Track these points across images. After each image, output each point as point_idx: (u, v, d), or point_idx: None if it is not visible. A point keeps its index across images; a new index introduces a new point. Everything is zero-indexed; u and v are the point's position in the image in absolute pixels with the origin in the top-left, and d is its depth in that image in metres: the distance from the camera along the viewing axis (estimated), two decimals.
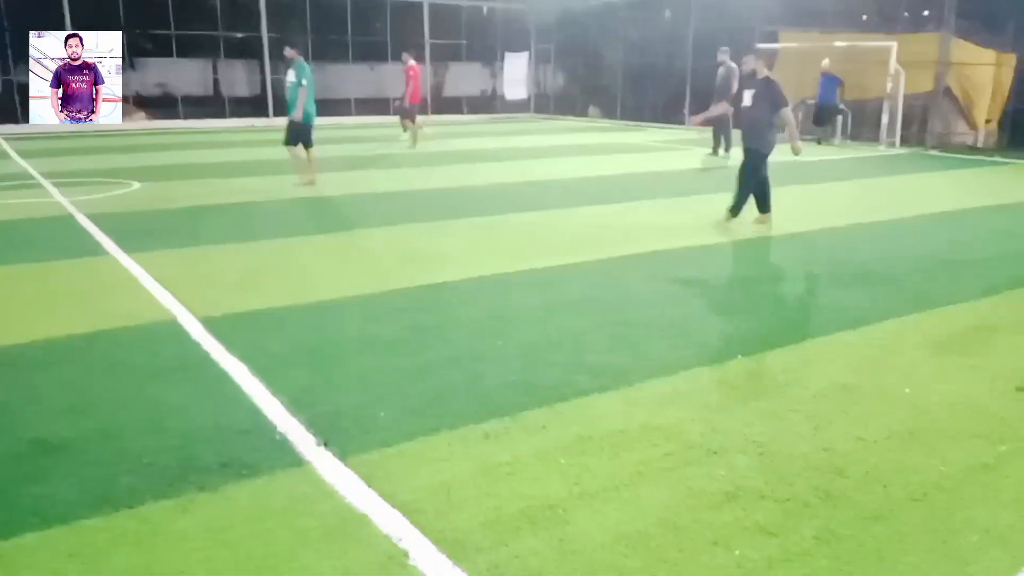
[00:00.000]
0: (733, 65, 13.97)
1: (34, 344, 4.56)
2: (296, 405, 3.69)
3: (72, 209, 8.86)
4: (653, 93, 24.38)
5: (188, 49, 23.74)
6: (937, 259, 6.78)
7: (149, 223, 8.24)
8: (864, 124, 17.70)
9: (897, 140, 16.78)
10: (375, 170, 12.73)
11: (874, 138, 16.99)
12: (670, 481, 3.03)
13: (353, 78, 25.91)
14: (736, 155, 14.49)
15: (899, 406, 3.73)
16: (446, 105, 27.75)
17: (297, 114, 10.22)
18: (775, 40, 19.00)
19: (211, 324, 4.86)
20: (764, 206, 8.01)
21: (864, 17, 18.67)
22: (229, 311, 5.18)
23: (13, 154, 14.68)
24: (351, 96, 25.87)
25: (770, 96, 7.62)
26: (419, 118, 17.29)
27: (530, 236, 7.67)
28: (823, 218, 8.57)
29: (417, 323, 4.95)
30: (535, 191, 10.65)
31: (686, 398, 3.81)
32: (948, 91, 16.85)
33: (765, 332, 4.81)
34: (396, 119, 19.09)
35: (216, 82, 24.41)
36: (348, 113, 25.38)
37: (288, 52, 10.49)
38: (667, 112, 23.49)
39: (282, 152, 11.09)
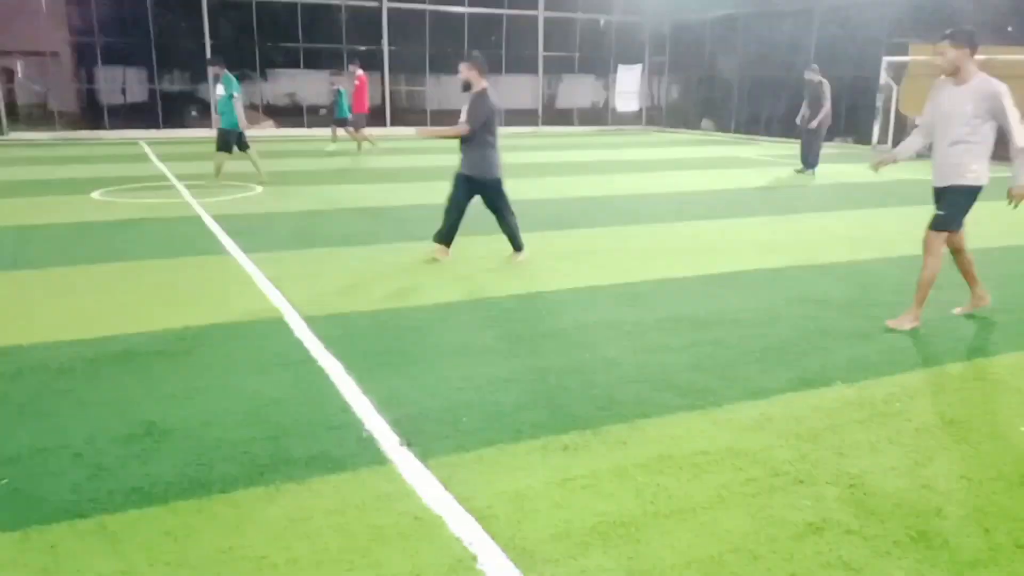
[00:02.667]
0: (826, 81, 13.67)
1: (154, 334, 4.92)
2: (384, 405, 3.81)
3: (200, 210, 9.49)
4: (770, 106, 23.66)
5: (314, 61, 24.95)
6: None
7: (267, 225, 8.71)
8: (1001, 141, 16.52)
9: None
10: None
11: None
12: (751, 508, 2.94)
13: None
14: (819, 171, 14.02)
15: (1012, 446, 3.46)
16: (557, 117, 27.92)
17: (242, 123, 11.48)
18: (905, 52, 18.06)
19: (314, 323, 5.10)
20: None
21: (1009, 28, 17.47)
22: (332, 311, 5.41)
23: (153, 157, 15.87)
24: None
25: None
26: (367, 130, 17.58)
27: (631, 249, 7.61)
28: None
29: (508, 332, 5.01)
30: (640, 204, 10.55)
31: (776, 424, 3.67)
32: None
33: (870, 359, 4.57)
34: (506, 128, 19.39)
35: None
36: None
37: (214, 67, 11.55)
38: (784, 126, 22.74)
39: (392, 160, 11.47)
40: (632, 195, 11.45)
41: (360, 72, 17.05)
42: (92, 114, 22.36)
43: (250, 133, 12.11)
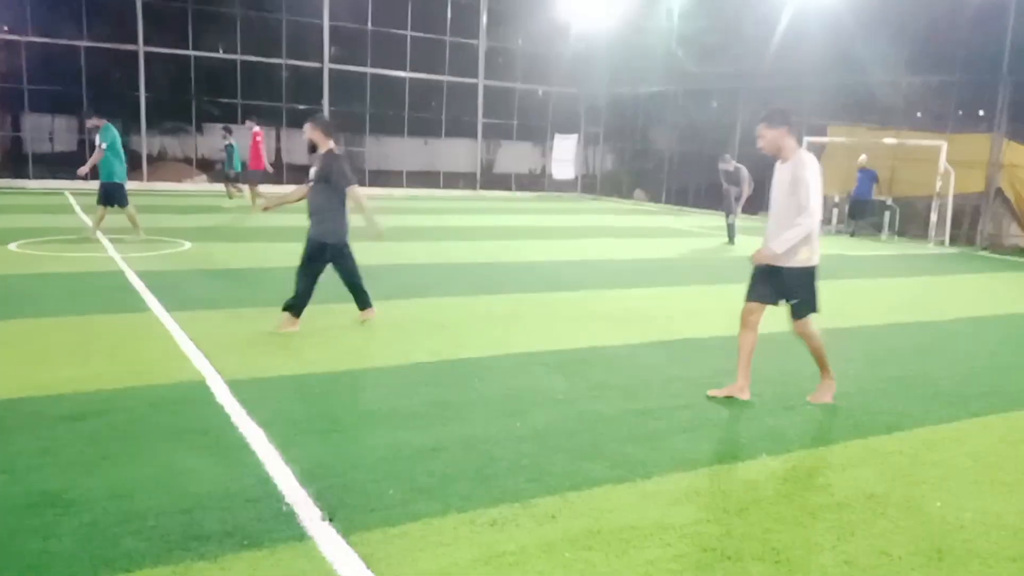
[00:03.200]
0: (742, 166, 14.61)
1: (61, 396, 4.66)
2: (307, 476, 3.67)
3: (123, 265, 9.17)
4: (699, 179, 24.56)
5: (254, 117, 24.80)
6: (980, 364, 6.55)
7: (193, 282, 8.46)
8: (913, 221, 17.51)
9: (947, 239, 16.52)
10: (416, 241, 12.95)
11: (923, 236, 16.76)
12: None
13: (407, 151, 26.79)
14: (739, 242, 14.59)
15: (929, 521, 3.54)
16: (496, 181, 28.34)
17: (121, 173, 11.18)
18: (824, 133, 19.10)
19: (236, 387, 4.92)
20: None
21: (918, 114, 18.70)
22: (256, 375, 5.24)
23: (78, 208, 15.36)
24: (404, 168, 26.67)
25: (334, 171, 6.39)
26: (255, 187, 17.56)
27: (562, 315, 7.66)
28: (860, 315, 8.39)
29: (436, 398, 4.93)
30: (572, 270, 10.70)
31: (704, 497, 3.68)
32: (1000, 192, 16.62)
33: (794, 432, 4.67)
34: (444, 191, 19.49)
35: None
36: (400, 185, 26.11)
37: (91, 121, 11.43)
38: (711, 198, 23.61)
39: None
40: (564, 261, 11.61)
41: (256, 128, 16.95)
42: (16, 163, 21.61)
43: (187, 187, 11.87)
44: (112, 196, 11.13)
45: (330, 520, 3.27)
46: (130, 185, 11.83)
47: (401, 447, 4.10)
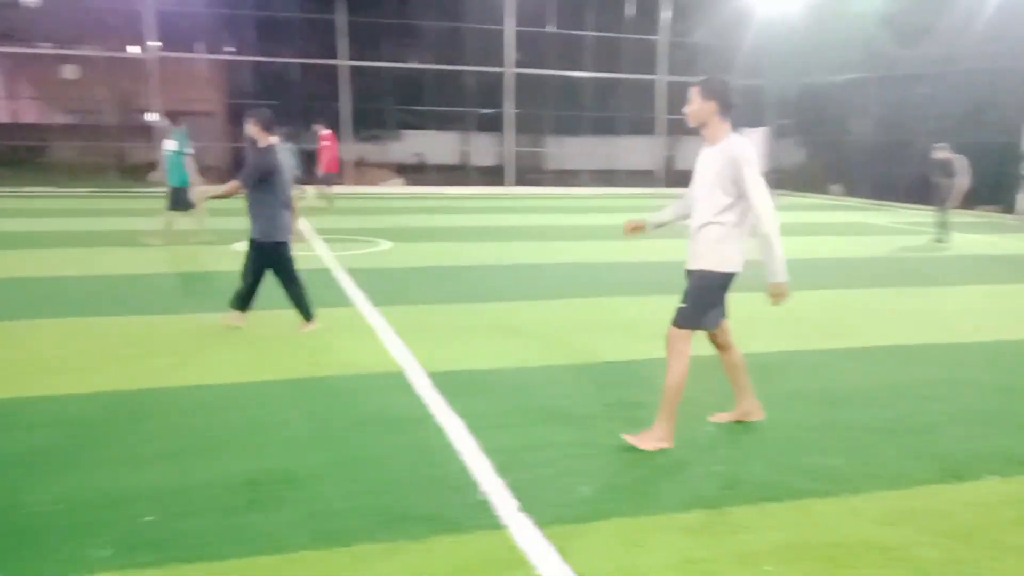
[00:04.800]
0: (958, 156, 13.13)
1: (287, 382, 5.15)
2: (503, 468, 3.81)
3: (332, 262, 9.97)
4: (904, 171, 22.62)
5: (441, 122, 26.11)
6: None
7: (395, 279, 9.04)
8: None
9: None
10: (609, 240, 12.98)
11: None
12: None
13: (587, 151, 26.94)
14: (954, 240, 13.12)
15: None
16: (679, 178, 27.75)
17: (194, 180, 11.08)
18: None
19: (437, 379, 5.19)
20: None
21: None
22: (455, 368, 5.51)
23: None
24: (584, 168, 26.86)
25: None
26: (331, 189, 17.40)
27: (753, 317, 7.35)
28: None
29: (625, 399, 4.92)
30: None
31: (921, 518, 3.39)
32: None
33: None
34: (626, 189, 19.43)
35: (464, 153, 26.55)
36: (581, 184, 26.30)
37: (169, 122, 11.34)
38: (919, 193, 21.64)
39: (513, 218, 11.68)
40: (753, 260, 11.12)
41: (324, 131, 16.89)
42: (238, 171, 24.17)
43: (384, 190, 12.51)
44: (181, 201, 11.22)
45: (525, 511, 3.37)
46: (337, 189, 12.58)
47: (592, 445, 4.14)
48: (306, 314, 6.55)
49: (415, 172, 25.80)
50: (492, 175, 26.07)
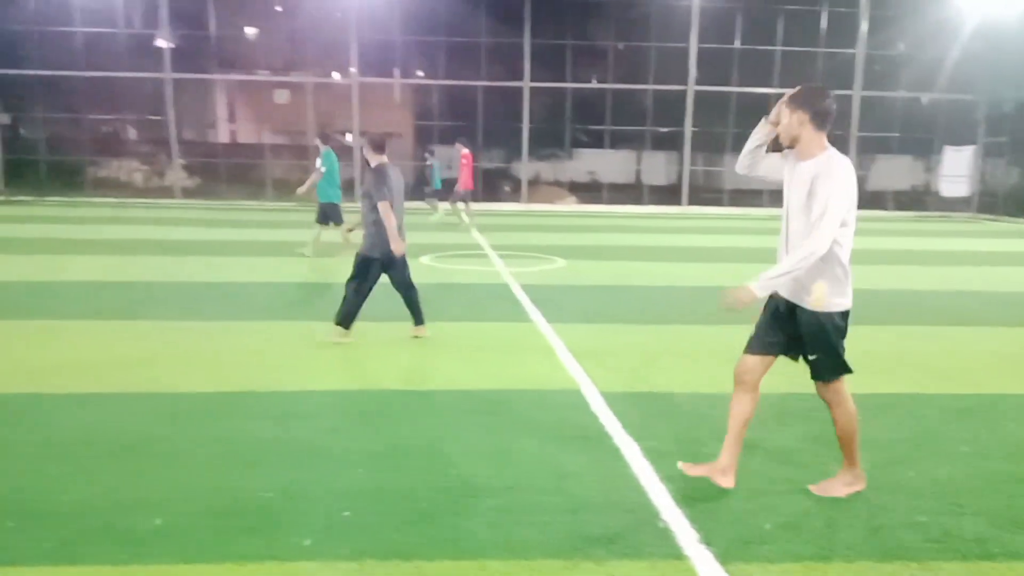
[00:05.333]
0: None
1: (465, 392, 5.35)
2: (682, 496, 3.72)
3: (509, 278, 10.26)
4: None
5: (617, 141, 26.15)
6: None
7: (569, 297, 9.14)
8: None
9: None
10: None
11: None
12: None
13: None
14: None
15: None
16: (869, 200, 25.98)
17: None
18: None
19: (611, 400, 5.18)
20: None
21: None
22: (630, 389, 5.47)
23: (471, 228, 17.58)
24: (765, 188, 25.79)
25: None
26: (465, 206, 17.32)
27: (956, 352, 6.71)
28: None
29: (819, 434, 4.65)
30: (964, 302, 9.31)
31: None
32: None
33: None
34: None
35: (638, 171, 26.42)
36: (761, 204, 25.28)
37: (319, 141, 11.79)
38: None
39: (688, 239, 11.43)
40: (957, 291, 10.16)
41: (465, 150, 17.10)
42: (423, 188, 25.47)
43: (559, 208, 12.70)
44: (328, 215, 11.84)
45: (707, 544, 3.27)
46: (510, 206, 13.00)
47: (777, 481, 3.95)
48: (418, 319, 6.93)
49: (588, 191, 25.98)
50: (666, 194, 25.70)
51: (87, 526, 3.35)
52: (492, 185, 25.51)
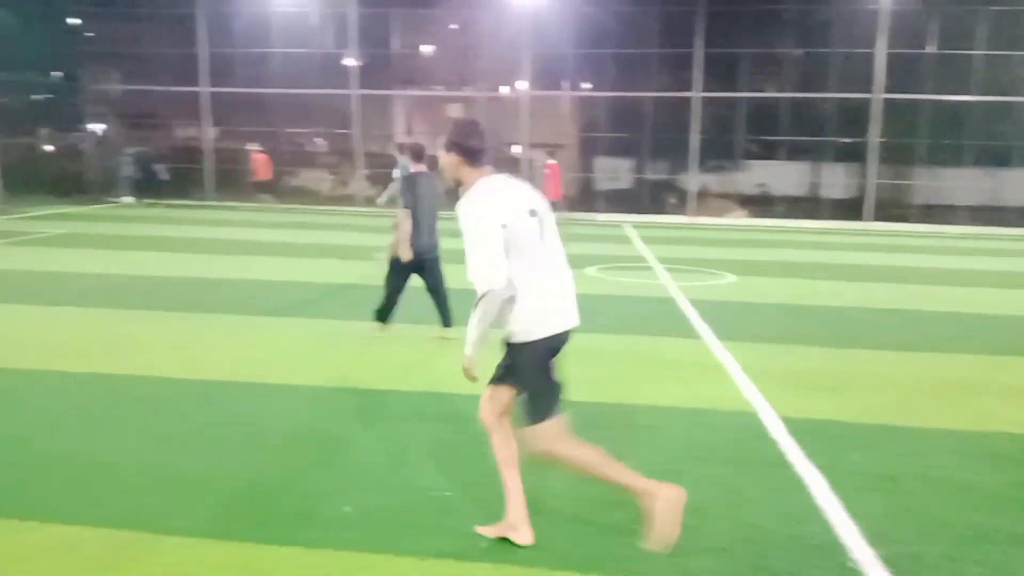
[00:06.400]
0: None
1: (629, 407, 5.27)
2: (874, 536, 3.46)
3: (675, 292, 10.03)
4: None
5: (792, 153, 24.93)
6: None
7: (742, 314, 8.79)
8: None
9: None
10: (990, 288, 11.25)
11: None
12: None
13: (965, 183, 23.70)
14: None
15: None
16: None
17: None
18: None
19: (792, 426, 4.91)
20: None
21: None
22: (812, 416, 5.16)
23: (635, 239, 17.40)
24: (959, 203, 23.66)
25: None
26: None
27: None
28: None
29: (1020, 479, 4.17)
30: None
31: None
32: None
33: None
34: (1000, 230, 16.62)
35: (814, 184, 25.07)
36: (955, 221, 23.17)
37: (397, 152, 10.97)
38: None
39: (874, 257, 10.66)
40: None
41: (550, 161, 16.79)
42: (587, 198, 25.58)
43: (727, 221, 12.23)
44: None
45: None
46: (675, 219, 12.67)
47: (989, 529, 3.57)
48: (446, 320, 7.11)
49: (759, 203, 24.90)
50: (846, 209, 24.06)
51: (281, 509, 3.62)
52: (657, 197, 25.11)
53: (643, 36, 24.13)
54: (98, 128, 25.66)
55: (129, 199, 23.02)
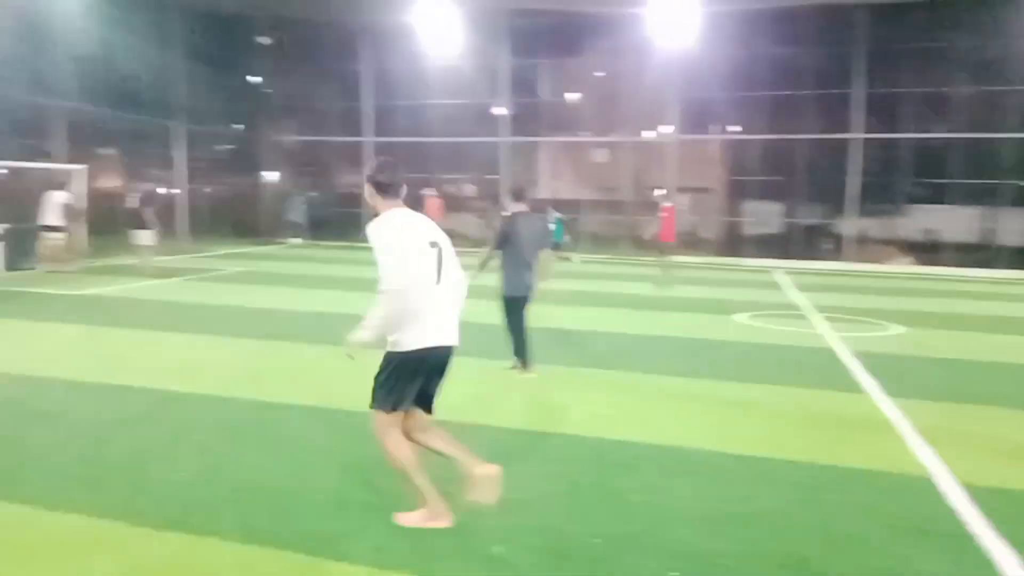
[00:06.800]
0: None
1: (797, 464, 5.03)
2: None
3: (835, 343, 9.50)
4: None
5: (959, 196, 23.18)
6: None
7: (911, 369, 8.20)
8: None
9: None
10: None
11: None
12: None
13: None
14: None
15: None
16: None
17: None
18: None
19: (975, 494, 4.51)
20: None
21: None
22: (998, 485, 4.72)
23: (785, 285, 16.69)
24: None
25: None
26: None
27: None
28: None
29: None
30: None
31: None
32: None
33: None
34: None
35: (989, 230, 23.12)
36: None
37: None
38: None
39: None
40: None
41: (666, 204, 16.29)
42: (734, 243, 24.85)
43: (888, 268, 11.45)
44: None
45: None
46: (830, 264, 12.06)
47: None
48: (523, 360, 7.18)
49: (924, 250, 23.20)
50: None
51: (442, 543, 3.74)
52: (810, 242, 23.99)
53: (795, 78, 23.43)
54: (273, 175, 27.96)
55: (297, 240, 24.88)
